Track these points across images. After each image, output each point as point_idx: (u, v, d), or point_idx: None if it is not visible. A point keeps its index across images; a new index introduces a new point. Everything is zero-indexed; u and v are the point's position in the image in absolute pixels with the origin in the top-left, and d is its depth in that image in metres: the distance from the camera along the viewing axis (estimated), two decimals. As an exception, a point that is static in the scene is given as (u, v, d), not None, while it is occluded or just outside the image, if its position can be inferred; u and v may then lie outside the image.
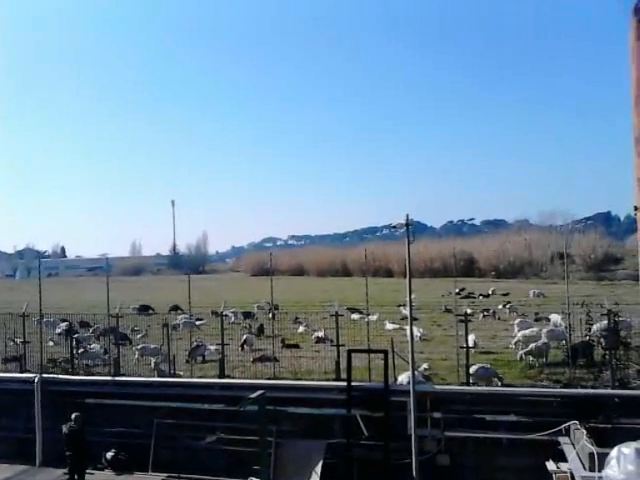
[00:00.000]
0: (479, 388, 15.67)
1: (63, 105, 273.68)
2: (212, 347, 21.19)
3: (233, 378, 17.68)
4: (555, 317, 24.60)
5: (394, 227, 14.77)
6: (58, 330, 26.83)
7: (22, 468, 17.03)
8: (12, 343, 21.96)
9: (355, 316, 27.32)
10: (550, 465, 13.21)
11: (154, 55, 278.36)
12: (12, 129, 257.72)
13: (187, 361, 19.91)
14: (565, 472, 12.70)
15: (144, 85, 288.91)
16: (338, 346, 17.13)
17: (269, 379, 17.00)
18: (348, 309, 28.05)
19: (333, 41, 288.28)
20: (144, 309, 33.89)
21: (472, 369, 16.15)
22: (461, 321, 17.76)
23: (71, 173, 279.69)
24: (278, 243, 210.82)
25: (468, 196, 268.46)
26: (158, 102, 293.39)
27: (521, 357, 18.57)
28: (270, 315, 24.11)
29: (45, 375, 18.19)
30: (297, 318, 27.91)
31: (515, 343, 21.07)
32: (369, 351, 16.51)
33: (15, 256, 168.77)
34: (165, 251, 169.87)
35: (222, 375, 17.89)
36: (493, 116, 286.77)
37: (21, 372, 19.29)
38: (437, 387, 15.66)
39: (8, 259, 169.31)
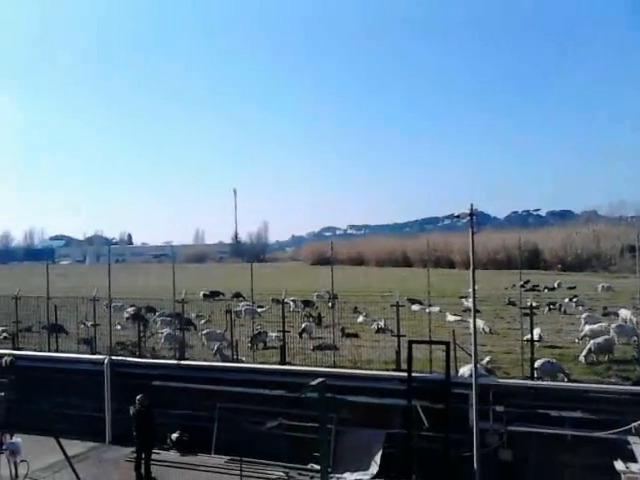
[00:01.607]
0: (544, 383, 15.28)
1: (130, 100, 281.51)
2: (273, 334, 21.51)
3: (294, 365, 17.88)
4: (625, 312, 23.75)
5: (457, 217, 14.52)
6: (126, 314, 27.83)
7: (93, 445, 17.74)
8: (83, 326, 22.89)
9: (415, 307, 27.13)
10: (619, 465, 12.80)
11: (216, 51, 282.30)
12: (82, 125, 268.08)
13: (249, 347, 20.26)
14: (635, 473, 12.30)
15: (208, 78, 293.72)
16: (399, 336, 17.03)
17: (329, 367, 17.09)
18: (408, 300, 27.86)
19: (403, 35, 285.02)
20: (214, 294, 35.10)
21: (537, 363, 15.76)
22: (526, 314, 17.35)
23: (138, 164, 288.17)
24: (337, 232, 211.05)
25: (534, 186, 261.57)
26: (222, 95, 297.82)
27: (586, 357, 17.99)
28: (330, 304, 24.21)
29: (114, 357, 18.86)
30: (356, 308, 27.93)
31: (582, 338, 20.46)
32: (430, 342, 16.33)
33: (85, 243, 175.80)
34: (227, 239, 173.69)
35: (283, 362, 18.12)
36: (561, 103, 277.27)
37: (92, 354, 20.08)
38: (500, 380, 15.35)
39: (78, 245, 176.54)
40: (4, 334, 23.90)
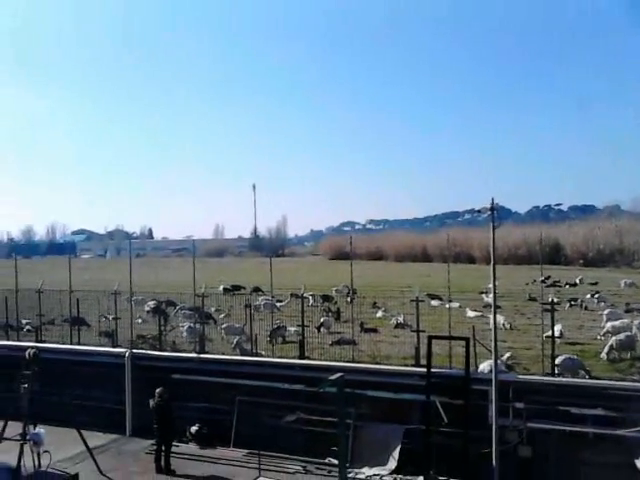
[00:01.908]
0: (565, 379, 15.13)
1: (151, 95, 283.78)
2: (292, 329, 21.57)
3: (313, 359, 17.90)
4: (649, 308, 23.48)
5: (478, 212, 14.35)
6: (146, 308, 28.08)
7: (114, 437, 17.94)
8: (104, 319, 23.15)
9: (435, 302, 27.01)
10: (640, 463, 12.65)
11: (238, 45, 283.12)
12: (103, 119, 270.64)
13: (268, 341, 20.35)
14: (657, 471, 12.13)
15: (228, 73, 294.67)
16: (418, 332, 16.96)
17: (348, 362, 17.08)
18: (428, 295, 27.76)
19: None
20: (236, 288, 35.52)
21: (558, 360, 15.61)
22: (546, 310, 17.17)
23: (158, 159, 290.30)
24: (356, 227, 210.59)
25: (555, 180, 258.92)
26: (241, 90, 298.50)
27: (608, 354, 17.84)
28: (348, 299, 24.20)
29: (135, 350, 19.03)
30: (375, 303, 27.89)
31: (604, 334, 20.25)
32: (450, 338, 16.24)
33: (106, 237, 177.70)
34: (246, 234, 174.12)
35: (302, 356, 18.16)
36: (582, 98, 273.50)
37: (113, 347, 20.29)
38: (520, 377, 15.23)
39: (99, 239, 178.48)
40: (27, 327, 24.27)
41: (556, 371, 15.45)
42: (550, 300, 17.06)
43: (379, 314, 26.96)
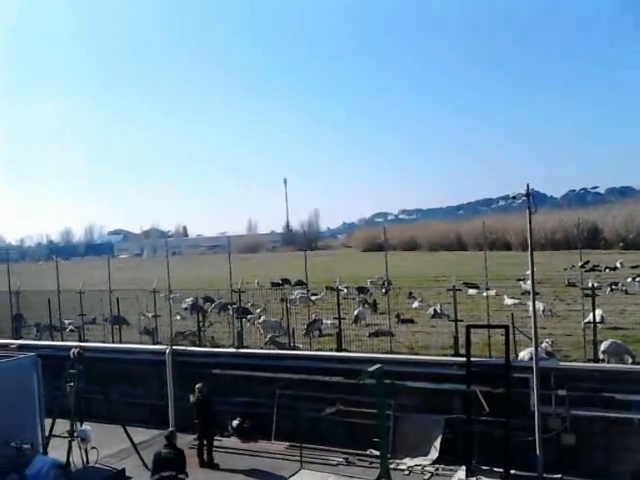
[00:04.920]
0: (607, 365, 14.83)
1: (180, 91, 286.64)
2: (328, 321, 21.61)
3: (350, 352, 17.92)
4: (693, 291, 22.85)
5: (513, 197, 14.18)
6: (184, 305, 28.47)
7: (157, 432, 18.16)
8: (143, 317, 23.55)
9: (472, 291, 26.77)
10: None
11: (267, 36, 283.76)
12: (136, 121, 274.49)
13: (305, 334, 20.42)
14: None
15: (257, 66, 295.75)
16: (456, 321, 16.80)
17: (386, 353, 17.05)
18: (464, 284, 27.51)
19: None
20: (286, 282, 36.53)
21: (604, 345, 15.23)
22: (587, 295, 16.85)
23: (190, 157, 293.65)
24: (389, 218, 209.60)
25: (591, 163, 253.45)
26: (272, 84, 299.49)
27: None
28: (383, 290, 24.09)
29: (175, 347, 19.30)
30: (411, 293, 27.72)
31: (647, 319, 19.77)
32: (489, 326, 16.08)
33: (142, 236, 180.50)
34: (279, 228, 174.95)
35: (339, 348, 18.18)
36: (622, 75, 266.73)
37: (153, 344, 20.64)
38: (562, 363, 15.00)
39: (136, 239, 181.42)
40: (70, 327, 24.83)
41: (601, 356, 15.14)
42: (590, 285, 16.74)
43: (415, 304, 26.80)
